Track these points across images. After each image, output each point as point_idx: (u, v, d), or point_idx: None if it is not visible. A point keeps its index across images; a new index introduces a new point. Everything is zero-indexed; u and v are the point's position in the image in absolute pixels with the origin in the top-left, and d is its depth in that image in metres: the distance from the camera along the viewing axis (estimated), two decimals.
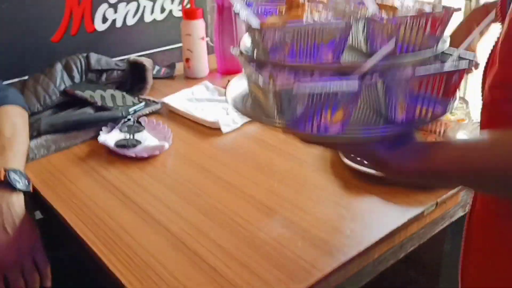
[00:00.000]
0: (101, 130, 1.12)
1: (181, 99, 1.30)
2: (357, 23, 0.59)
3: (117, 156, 1.05)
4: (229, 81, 0.68)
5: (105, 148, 1.07)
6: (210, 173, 1.00)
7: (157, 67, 1.53)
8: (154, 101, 1.27)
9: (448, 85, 0.54)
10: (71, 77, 1.29)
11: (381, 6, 0.59)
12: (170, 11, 1.64)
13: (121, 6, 1.52)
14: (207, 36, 1.70)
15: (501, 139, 0.53)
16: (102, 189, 0.96)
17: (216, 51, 1.52)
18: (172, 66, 1.56)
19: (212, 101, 1.31)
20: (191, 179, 0.98)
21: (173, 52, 1.67)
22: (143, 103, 1.24)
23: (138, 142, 1.07)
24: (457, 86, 0.56)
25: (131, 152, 1.04)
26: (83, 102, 1.22)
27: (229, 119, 1.17)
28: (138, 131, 1.11)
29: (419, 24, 0.55)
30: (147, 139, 1.08)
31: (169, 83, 1.47)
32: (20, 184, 0.91)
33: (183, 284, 0.72)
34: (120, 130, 1.11)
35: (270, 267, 0.74)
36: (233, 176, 0.98)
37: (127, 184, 0.97)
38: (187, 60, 1.47)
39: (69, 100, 1.24)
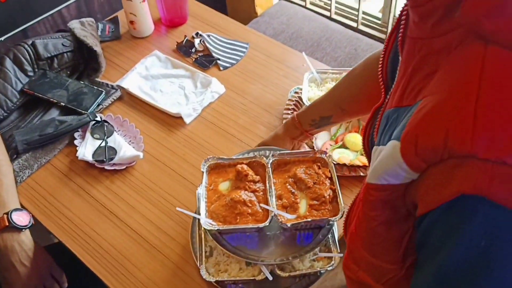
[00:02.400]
0: (74, 138, 1.21)
1: (137, 79, 1.36)
2: None
3: (96, 167, 1.17)
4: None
5: (84, 161, 1.17)
6: (183, 178, 1.15)
7: (100, 26, 1.51)
8: (112, 87, 1.33)
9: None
10: (24, 71, 1.29)
11: None
12: None
13: None
14: None
15: None
16: (92, 209, 1.11)
17: (159, 8, 1.51)
18: (115, 22, 1.55)
19: (168, 77, 1.37)
20: (164, 186, 1.14)
21: None
22: (103, 93, 1.29)
23: (114, 151, 1.17)
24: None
25: (109, 166, 1.16)
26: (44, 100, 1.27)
27: (190, 108, 1.27)
28: (110, 135, 1.21)
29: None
30: (122, 146, 1.18)
31: (116, 48, 1.48)
32: (23, 222, 1.04)
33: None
34: (92, 136, 1.21)
35: None
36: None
37: (111, 199, 1.12)
38: (132, 22, 1.47)
39: (30, 99, 1.28)
